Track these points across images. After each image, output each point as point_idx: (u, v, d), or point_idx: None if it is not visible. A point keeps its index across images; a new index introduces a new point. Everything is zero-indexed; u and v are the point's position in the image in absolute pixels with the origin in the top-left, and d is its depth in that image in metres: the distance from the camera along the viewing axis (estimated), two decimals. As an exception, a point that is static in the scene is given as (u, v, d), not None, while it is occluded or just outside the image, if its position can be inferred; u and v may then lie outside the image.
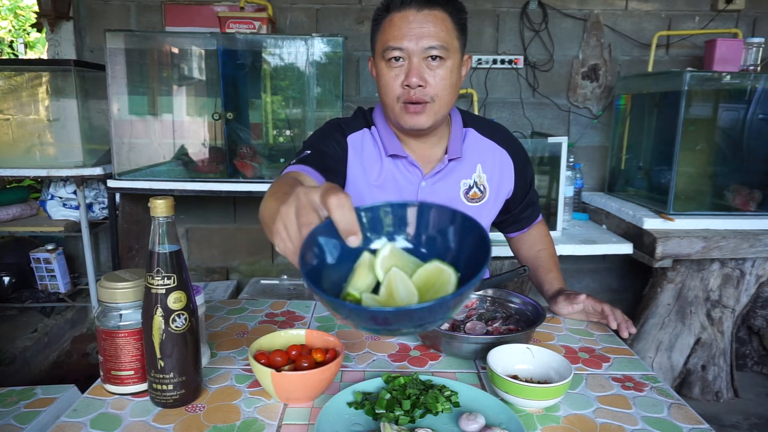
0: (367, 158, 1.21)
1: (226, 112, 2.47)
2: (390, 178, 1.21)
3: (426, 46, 1.06)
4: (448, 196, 1.23)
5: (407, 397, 0.83)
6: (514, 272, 1.21)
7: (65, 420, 0.82)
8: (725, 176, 2.52)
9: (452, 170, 1.23)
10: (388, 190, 1.21)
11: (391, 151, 1.19)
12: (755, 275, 2.35)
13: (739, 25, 2.77)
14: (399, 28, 1.06)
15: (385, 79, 1.10)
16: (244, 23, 2.43)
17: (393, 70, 1.09)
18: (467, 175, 1.24)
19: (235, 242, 2.97)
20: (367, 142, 1.22)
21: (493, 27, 2.78)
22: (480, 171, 1.25)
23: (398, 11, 1.07)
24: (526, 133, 2.81)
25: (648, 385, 0.94)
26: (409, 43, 1.06)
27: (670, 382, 2.45)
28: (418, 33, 1.05)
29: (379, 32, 1.11)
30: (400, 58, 1.08)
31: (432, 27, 1.06)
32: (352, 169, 1.20)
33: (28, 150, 2.57)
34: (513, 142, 1.30)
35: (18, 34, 5.10)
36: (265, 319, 1.22)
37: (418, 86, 1.07)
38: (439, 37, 1.06)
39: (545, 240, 1.41)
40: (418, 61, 1.07)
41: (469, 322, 1.12)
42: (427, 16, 1.06)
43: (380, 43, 1.11)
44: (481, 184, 1.25)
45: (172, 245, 0.81)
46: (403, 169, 1.21)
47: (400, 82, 1.09)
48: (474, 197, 1.25)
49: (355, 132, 1.22)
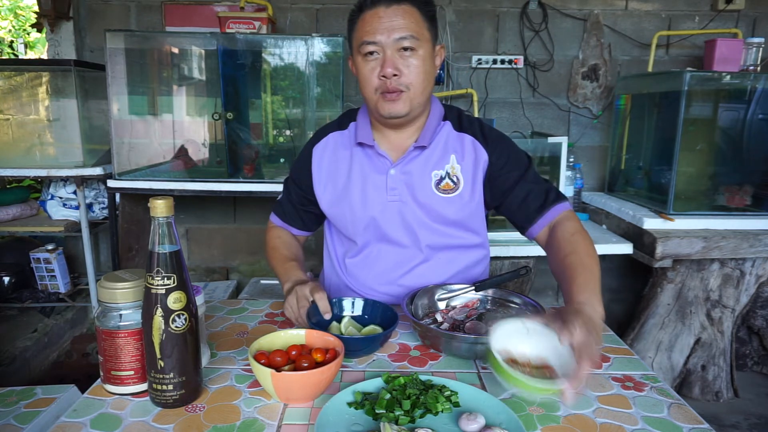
0: (334, 157, 1.30)
1: (226, 112, 2.47)
2: (358, 168, 1.27)
3: (397, 37, 1.13)
4: (419, 185, 1.24)
5: (407, 397, 0.83)
6: (514, 273, 1.21)
7: (65, 420, 0.82)
8: (725, 176, 2.52)
9: (423, 160, 1.24)
10: (358, 178, 1.27)
11: (359, 140, 1.26)
12: (755, 275, 2.35)
13: (739, 25, 2.77)
14: (371, 23, 1.14)
15: (363, 73, 1.18)
16: (244, 23, 2.43)
17: (369, 64, 1.16)
18: (440, 166, 1.24)
19: (235, 242, 2.97)
20: (339, 142, 1.31)
21: (493, 27, 2.78)
22: (454, 162, 1.25)
23: (369, 9, 1.15)
24: (526, 133, 2.81)
25: (648, 385, 0.94)
26: (382, 36, 1.13)
27: (670, 382, 2.45)
28: (389, 26, 1.12)
29: (354, 30, 1.19)
30: (375, 51, 1.15)
31: (402, 19, 1.13)
32: (315, 176, 1.31)
33: (28, 150, 2.57)
34: (490, 136, 1.27)
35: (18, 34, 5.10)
36: (265, 319, 1.22)
37: (394, 75, 1.14)
38: (409, 28, 1.13)
39: (573, 240, 1.15)
40: (392, 53, 1.14)
41: (469, 322, 1.12)
42: (396, 10, 1.13)
43: (356, 40, 1.18)
44: (454, 175, 1.25)
45: (172, 245, 0.81)
46: (373, 158, 1.26)
47: (376, 74, 1.16)
48: (446, 188, 1.24)
49: (324, 138, 1.32)
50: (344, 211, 1.28)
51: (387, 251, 1.29)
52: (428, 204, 1.24)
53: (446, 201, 1.24)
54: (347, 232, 1.31)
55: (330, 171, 1.30)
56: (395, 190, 1.24)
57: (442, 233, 1.27)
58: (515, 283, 2.41)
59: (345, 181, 1.28)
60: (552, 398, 0.89)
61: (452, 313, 1.16)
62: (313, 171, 1.31)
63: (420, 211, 1.25)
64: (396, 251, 1.29)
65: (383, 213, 1.26)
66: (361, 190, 1.26)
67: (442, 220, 1.26)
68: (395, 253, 1.29)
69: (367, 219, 1.26)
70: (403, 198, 1.25)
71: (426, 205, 1.24)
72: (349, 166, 1.28)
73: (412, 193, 1.24)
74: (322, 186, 1.30)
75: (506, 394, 0.90)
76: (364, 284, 1.32)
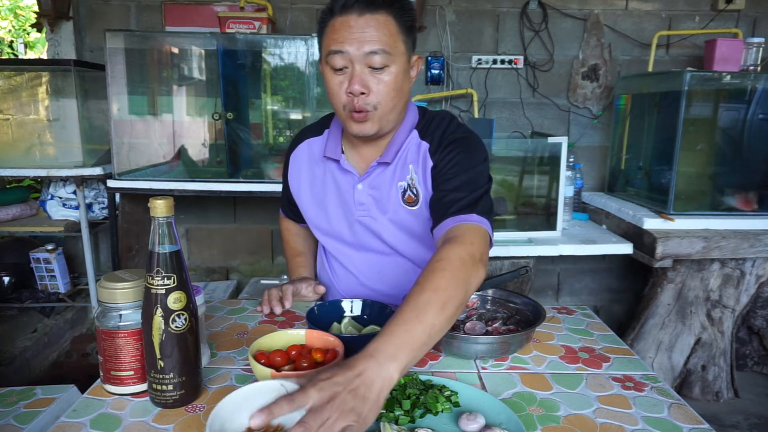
0: (310, 164, 1.27)
1: (226, 112, 2.46)
2: (331, 180, 1.24)
3: (368, 51, 1.02)
4: (386, 200, 1.19)
5: (407, 397, 0.83)
6: (514, 273, 1.20)
7: (65, 420, 0.81)
8: (725, 176, 2.52)
9: (389, 173, 1.18)
10: (330, 191, 1.24)
11: (327, 153, 1.22)
12: (755, 275, 2.35)
13: (739, 25, 2.77)
14: (340, 32, 1.03)
15: (331, 86, 1.09)
16: (244, 23, 2.43)
17: (337, 77, 1.07)
18: (402, 178, 1.18)
19: (235, 242, 2.97)
20: (313, 149, 1.27)
21: (493, 27, 2.78)
22: (412, 172, 1.17)
23: (340, 15, 1.04)
24: (526, 133, 2.81)
25: (648, 385, 0.94)
26: (350, 48, 1.02)
27: (670, 382, 2.45)
28: (360, 38, 1.02)
29: (323, 35, 1.08)
30: (344, 67, 1.05)
31: (374, 31, 1.02)
32: (292, 184, 1.30)
33: (28, 150, 2.57)
34: (449, 134, 1.16)
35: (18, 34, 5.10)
36: (265, 319, 1.22)
37: (361, 94, 1.05)
38: (382, 41, 1.02)
39: (435, 266, 0.86)
40: (361, 68, 1.04)
41: (469, 322, 1.12)
42: (369, 20, 1.02)
43: (324, 47, 1.08)
44: (414, 186, 1.17)
45: (172, 245, 0.80)
46: (340, 172, 1.23)
47: (344, 89, 1.06)
48: (409, 201, 1.18)
49: (300, 144, 1.29)
50: (321, 219, 1.27)
51: (365, 258, 1.27)
52: (396, 219, 1.19)
53: (411, 214, 1.19)
54: (327, 236, 1.30)
55: (306, 178, 1.27)
56: (363, 205, 1.20)
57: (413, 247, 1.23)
58: (515, 283, 2.41)
59: (320, 189, 1.26)
60: (553, 398, 0.89)
61: (452, 313, 1.16)
62: (290, 179, 1.31)
63: (391, 226, 1.20)
64: (375, 258, 1.26)
65: (353, 226, 1.24)
66: (335, 202, 1.24)
67: (413, 234, 1.21)
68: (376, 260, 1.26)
69: (341, 229, 1.26)
70: (372, 213, 1.20)
71: (395, 220, 1.20)
72: (323, 174, 1.25)
73: (381, 207, 1.20)
74: (299, 193, 1.29)
75: (507, 394, 0.90)
76: (347, 286, 1.32)
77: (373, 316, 1.14)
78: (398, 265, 1.26)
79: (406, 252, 1.23)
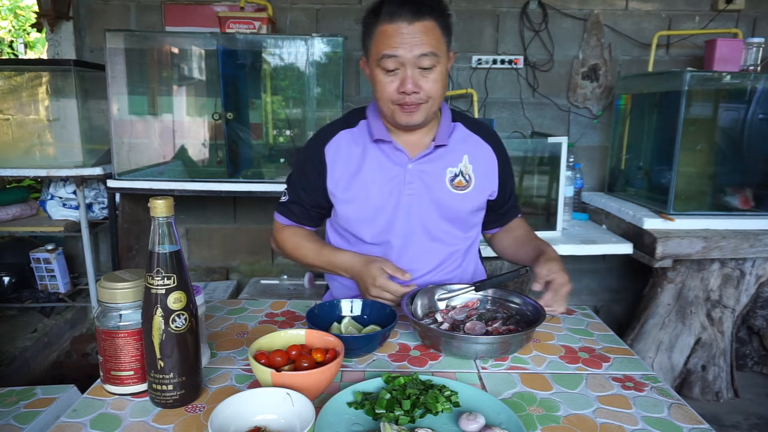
0: (348, 154, 1.32)
1: (226, 112, 2.46)
2: (375, 162, 1.30)
3: (419, 54, 1.15)
4: (434, 181, 1.30)
5: (407, 397, 0.83)
6: (514, 273, 1.21)
7: (65, 420, 0.81)
8: (725, 176, 2.52)
9: (438, 157, 1.31)
10: (374, 172, 1.29)
11: (377, 136, 1.29)
12: (755, 275, 2.35)
13: (739, 25, 2.77)
14: (393, 38, 1.15)
15: (381, 85, 1.20)
16: (244, 23, 2.43)
17: (388, 77, 1.19)
18: (454, 164, 1.32)
19: (235, 242, 2.97)
20: (350, 139, 1.33)
21: (493, 27, 2.78)
22: (466, 161, 1.32)
23: (389, 23, 1.15)
24: (526, 133, 2.81)
25: (648, 385, 0.94)
26: (404, 52, 1.15)
27: (670, 382, 2.45)
28: (411, 43, 1.14)
29: (371, 40, 1.20)
30: (396, 69, 1.17)
31: (423, 36, 1.14)
32: (331, 174, 1.31)
33: (28, 150, 2.57)
34: (497, 140, 1.39)
35: (18, 34, 5.10)
36: (265, 319, 1.22)
37: (413, 92, 1.17)
38: (431, 45, 1.15)
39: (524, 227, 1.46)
40: (412, 70, 1.16)
41: (469, 322, 1.12)
42: (418, 27, 1.14)
43: (374, 51, 1.19)
44: (467, 173, 1.32)
45: (172, 245, 0.81)
46: (390, 153, 1.30)
47: (395, 88, 1.18)
48: (459, 185, 1.32)
49: (335, 136, 1.33)
50: (357, 206, 1.30)
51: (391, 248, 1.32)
52: (441, 200, 1.30)
53: (459, 197, 1.31)
54: (354, 227, 1.32)
55: (344, 168, 1.31)
56: (412, 184, 1.29)
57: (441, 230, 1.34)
58: (515, 283, 2.41)
59: (358, 177, 1.30)
60: (553, 398, 0.89)
61: (452, 313, 1.16)
62: (327, 170, 1.31)
63: (431, 206, 1.30)
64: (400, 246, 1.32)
65: (397, 207, 1.29)
66: (379, 185, 1.29)
67: (449, 215, 1.32)
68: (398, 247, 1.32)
69: (380, 212, 1.29)
70: (418, 192, 1.29)
71: (439, 200, 1.30)
72: (360, 162, 1.30)
73: (427, 188, 1.30)
74: (335, 182, 1.31)
75: (506, 394, 0.90)
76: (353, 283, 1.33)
77: (372, 316, 1.14)
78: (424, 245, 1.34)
79: (435, 230, 1.33)
